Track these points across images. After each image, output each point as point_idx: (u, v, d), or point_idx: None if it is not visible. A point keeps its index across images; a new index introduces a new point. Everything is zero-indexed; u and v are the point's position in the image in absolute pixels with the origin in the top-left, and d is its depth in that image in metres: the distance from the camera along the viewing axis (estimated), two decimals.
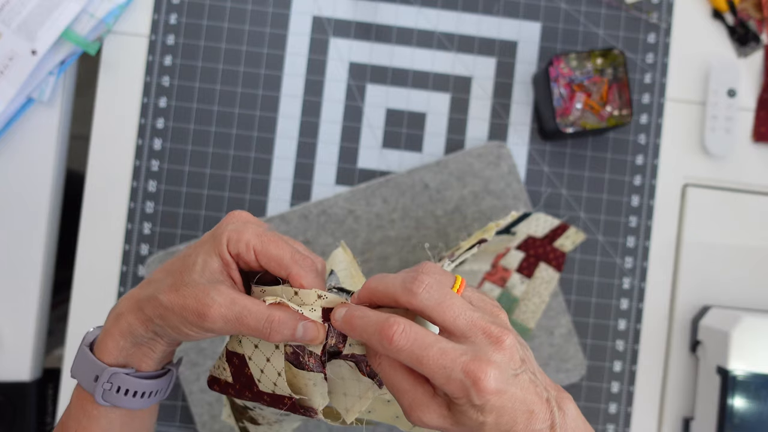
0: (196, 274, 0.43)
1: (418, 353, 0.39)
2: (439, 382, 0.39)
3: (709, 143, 0.76)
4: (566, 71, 0.73)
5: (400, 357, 0.40)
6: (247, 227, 0.44)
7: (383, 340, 0.39)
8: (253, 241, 0.43)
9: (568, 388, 0.75)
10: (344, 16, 0.77)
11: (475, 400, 0.38)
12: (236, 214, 0.46)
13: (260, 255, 0.43)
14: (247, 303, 0.42)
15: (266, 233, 0.44)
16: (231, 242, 0.43)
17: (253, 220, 0.45)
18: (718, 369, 0.69)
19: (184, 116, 0.75)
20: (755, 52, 0.78)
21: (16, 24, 0.71)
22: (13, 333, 0.74)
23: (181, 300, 0.42)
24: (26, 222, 0.74)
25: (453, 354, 0.39)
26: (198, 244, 0.45)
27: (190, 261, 0.43)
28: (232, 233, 0.43)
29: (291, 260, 0.43)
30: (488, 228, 0.63)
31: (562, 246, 0.74)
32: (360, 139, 0.76)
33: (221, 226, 0.45)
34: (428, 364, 0.39)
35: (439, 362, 0.39)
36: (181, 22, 0.76)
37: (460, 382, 0.38)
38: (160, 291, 0.43)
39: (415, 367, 0.39)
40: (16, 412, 0.73)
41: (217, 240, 0.43)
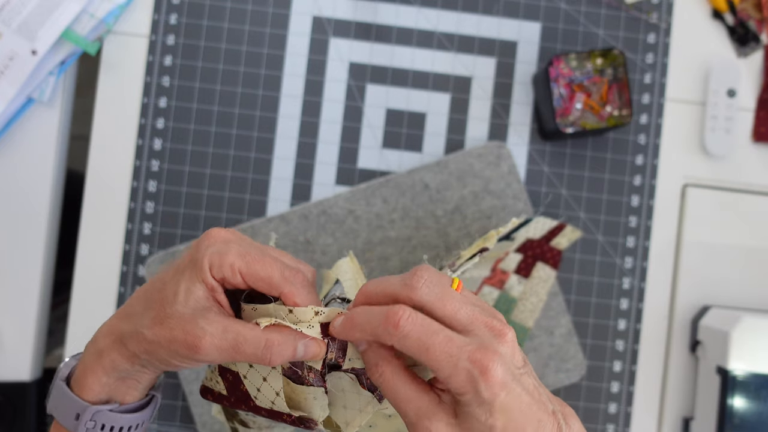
0: (179, 304, 0.40)
1: (425, 339, 0.38)
2: (445, 372, 0.38)
3: (709, 143, 0.76)
4: (566, 71, 0.73)
5: (407, 344, 0.38)
6: (229, 248, 0.41)
7: (389, 327, 0.38)
8: (237, 263, 0.40)
9: (568, 388, 0.75)
10: (344, 16, 0.77)
11: (483, 392, 0.37)
12: (214, 233, 0.42)
13: (247, 277, 0.41)
14: (241, 329, 0.40)
15: (250, 252, 0.41)
16: (214, 267, 0.40)
17: (234, 238, 0.42)
18: (717, 369, 0.69)
19: (184, 116, 0.75)
20: (755, 52, 0.78)
21: (16, 24, 0.71)
22: (13, 333, 0.74)
23: (168, 333, 0.40)
24: (26, 222, 0.74)
25: (459, 342, 0.38)
26: (176, 271, 0.42)
27: (171, 290, 0.41)
28: (214, 257, 0.40)
29: (281, 279, 0.41)
30: (489, 236, 0.63)
31: (558, 244, 0.74)
32: (360, 139, 0.76)
33: (200, 249, 0.41)
34: (435, 351, 0.38)
35: (446, 349, 0.38)
36: (182, 23, 0.76)
37: (468, 372, 0.37)
38: (143, 326, 0.41)
39: (421, 355, 0.38)
40: (16, 412, 0.73)
41: (197, 266, 0.40)
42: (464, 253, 0.62)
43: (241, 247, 0.41)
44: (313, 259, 0.73)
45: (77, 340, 0.74)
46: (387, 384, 0.40)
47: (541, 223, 0.73)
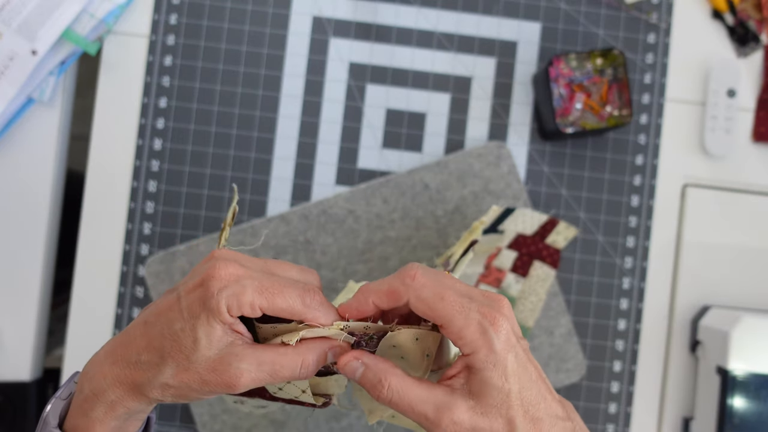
0: (203, 350, 0.39)
1: (440, 290, 0.39)
2: (458, 323, 0.38)
3: (709, 143, 0.76)
4: (566, 71, 0.73)
5: (423, 294, 0.39)
6: (244, 288, 0.39)
7: (406, 279, 0.39)
8: (257, 300, 0.39)
9: (569, 388, 0.75)
10: (344, 16, 0.77)
11: (495, 344, 0.38)
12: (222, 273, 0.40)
13: (268, 311, 0.40)
14: (274, 357, 0.40)
15: (267, 285, 0.40)
16: (232, 308, 0.39)
17: (245, 273, 0.40)
18: (717, 369, 0.69)
19: (185, 116, 0.75)
20: (755, 52, 0.78)
21: (16, 24, 0.71)
22: (13, 333, 0.74)
23: (198, 377, 0.39)
24: (26, 222, 0.74)
25: (467, 300, 0.39)
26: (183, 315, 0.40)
27: (188, 338, 0.39)
28: (231, 299, 0.39)
29: (303, 307, 0.40)
30: (474, 228, 0.63)
31: (555, 242, 0.74)
32: (360, 139, 0.76)
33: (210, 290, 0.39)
34: (449, 301, 0.39)
35: (458, 301, 0.39)
36: (182, 23, 0.76)
37: (479, 323, 0.38)
38: (165, 376, 0.39)
39: (436, 305, 0.39)
40: (16, 412, 0.73)
41: (213, 311, 0.39)
42: (456, 248, 0.62)
43: (256, 281, 0.40)
44: (313, 259, 0.73)
45: (77, 340, 0.74)
46: (397, 394, 0.40)
47: (530, 216, 0.73)
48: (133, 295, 0.74)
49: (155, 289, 0.72)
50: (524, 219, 0.74)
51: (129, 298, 0.74)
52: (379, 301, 0.41)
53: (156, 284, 0.72)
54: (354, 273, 0.73)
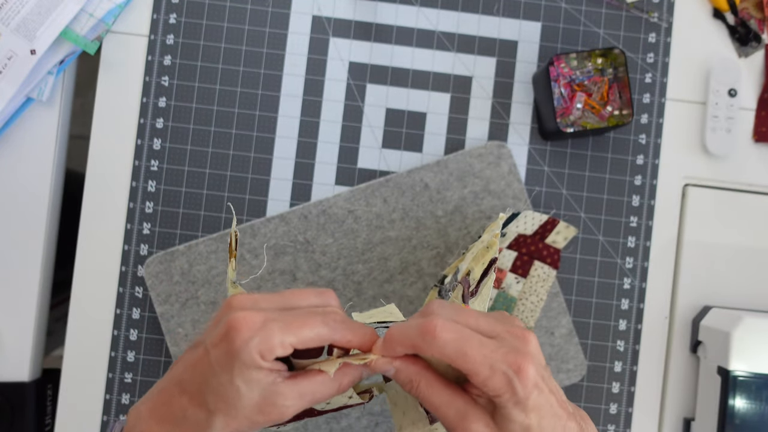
0: (246, 397, 0.40)
1: (461, 344, 0.40)
2: (483, 375, 0.39)
3: (710, 143, 0.76)
4: (566, 71, 0.73)
5: (446, 351, 0.40)
6: (270, 332, 0.40)
7: (427, 336, 0.40)
8: (286, 339, 0.40)
9: (569, 388, 0.75)
10: (344, 15, 0.77)
11: (519, 392, 0.39)
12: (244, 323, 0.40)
13: (299, 345, 0.41)
14: (314, 388, 0.42)
15: (290, 321, 0.41)
16: (265, 355, 0.40)
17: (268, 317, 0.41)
18: (718, 369, 0.68)
19: (184, 116, 0.75)
20: (756, 51, 0.78)
21: (15, 23, 0.71)
22: (12, 333, 0.74)
23: (248, 421, 0.41)
24: (25, 222, 0.74)
25: (492, 345, 0.40)
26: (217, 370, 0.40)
27: (231, 389, 0.40)
28: (261, 346, 0.39)
29: (329, 331, 0.42)
30: (491, 243, 0.63)
31: (555, 243, 0.74)
32: (360, 139, 0.76)
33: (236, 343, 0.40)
34: (472, 356, 0.40)
35: (482, 352, 0.40)
36: (181, 22, 0.75)
37: (504, 374, 0.39)
38: (217, 429, 0.41)
39: (459, 361, 0.40)
40: (15, 412, 0.73)
41: (246, 360, 0.39)
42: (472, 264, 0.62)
43: (278, 322, 0.40)
44: (312, 259, 0.73)
45: (77, 341, 0.74)
46: (424, 394, 0.42)
47: (530, 217, 0.73)
48: (132, 295, 0.74)
49: (154, 290, 0.72)
50: (526, 220, 0.73)
51: (128, 298, 0.74)
52: (405, 351, 0.43)
53: (155, 284, 0.72)
54: (354, 273, 0.73)
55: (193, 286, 0.72)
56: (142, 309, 0.74)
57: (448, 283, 0.66)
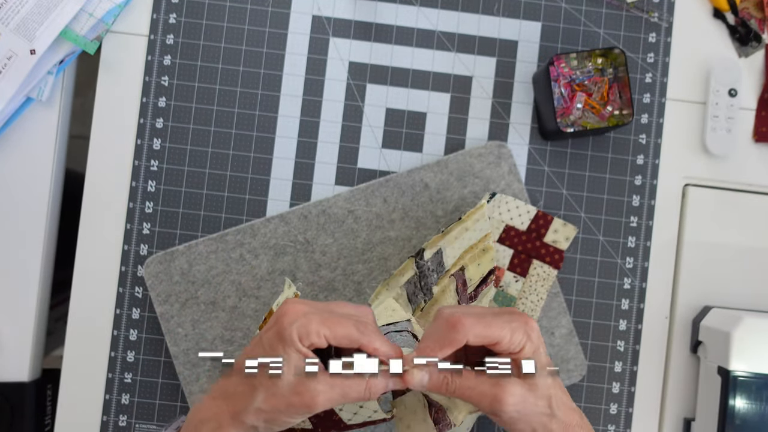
0: (286, 376, 0.47)
1: (483, 323, 0.50)
2: (507, 337, 0.49)
3: (710, 143, 0.76)
4: (567, 71, 0.73)
5: (475, 331, 0.49)
6: (310, 320, 0.48)
7: (456, 327, 0.49)
8: (322, 330, 0.48)
9: (569, 388, 0.75)
10: (344, 15, 0.76)
11: (534, 339, 0.50)
12: (291, 309, 0.49)
13: (331, 339, 0.48)
14: (343, 381, 0.48)
15: (327, 317, 0.48)
16: (302, 337, 0.47)
17: (310, 309, 0.49)
18: (719, 369, 0.68)
19: (184, 116, 0.75)
20: (756, 51, 0.78)
21: (14, 23, 0.71)
22: (12, 333, 0.74)
23: (285, 400, 0.47)
24: (25, 222, 0.74)
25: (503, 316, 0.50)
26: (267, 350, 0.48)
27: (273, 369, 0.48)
28: (301, 329, 0.47)
29: (358, 334, 0.49)
30: (488, 248, 0.69)
31: (556, 242, 0.74)
32: (360, 138, 0.76)
33: (283, 325, 0.48)
34: (495, 326, 0.50)
35: (499, 324, 0.50)
36: (181, 22, 0.75)
37: (520, 327, 0.49)
38: (258, 402, 0.48)
39: (486, 331, 0.49)
40: (15, 412, 0.73)
41: (287, 340, 0.47)
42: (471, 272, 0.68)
43: (319, 315, 0.48)
44: (312, 259, 0.73)
45: (77, 341, 0.74)
46: (461, 386, 0.50)
47: (515, 206, 0.73)
48: (132, 295, 0.74)
49: (154, 290, 0.72)
50: (509, 207, 0.73)
51: (128, 298, 0.74)
52: (445, 353, 0.50)
53: (155, 284, 0.72)
54: (354, 273, 0.73)
55: (193, 286, 0.72)
56: (142, 309, 0.74)
57: (429, 260, 0.69)
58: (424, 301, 0.69)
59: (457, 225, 0.71)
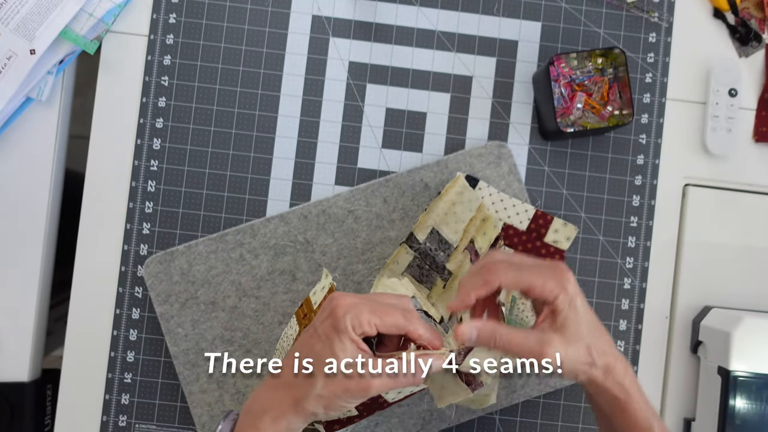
0: (342, 362, 0.50)
1: (518, 268, 0.54)
2: (540, 281, 0.53)
3: (711, 143, 0.76)
4: (567, 71, 0.73)
5: (509, 275, 0.54)
6: (361, 310, 0.51)
7: (491, 270, 0.54)
8: (372, 319, 0.51)
9: (570, 388, 0.75)
10: (344, 15, 0.76)
11: (569, 288, 0.53)
12: (342, 302, 0.52)
13: (380, 327, 0.52)
14: (394, 366, 0.50)
15: (376, 308, 0.52)
16: (355, 327, 0.51)
17: (359, 300, 0.52)
18: (719, 369, 0.68)
19: (183, 116, 0.75)
20: (756, 51, 0.78)
21: (14, 23, 0.71)
22: (11, 333, 0.73)
23: (343, 386, 0.50)
24: (25, 222, 0.74)
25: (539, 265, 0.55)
26: (321, 340, 0.51)
27: (329, 356, 0.51)
28: (354, 320, 0.51)
29: (405, 322, 0.52)
30: (487, 217, 0.71)
31: (557, 243, 0.74)
32: (360, 138, 0.76)
33: (337, 316, 0.51)
34: (528, 270, 0.54)
35: (534, 270, 0.54)
36: (181, 21, 0.75)
37: (554, 278, 0.54)
38: (317, 389, 0.51)
39: (521, 276, 0.54)
40: (15, 412, 0.73)
41: (341, 330, 0.51)
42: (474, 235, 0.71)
43: (368, 306, 0.52)
44: (312, 259, 0.73)
45: (77, 341, 0.74)
46: (505, 340, 0.53)
47: (511, 204, 0.73)
48: (132, 295, 0.74)
49: (154, 290, 0.72)
50: (506, 206, 0.74)
51: (128, 298, 0.74)
52: (479, 294, 0.54)
53: (155, 284, 0.72)
54: (354, 273, 0.73)
55: (193, 286, 0.72)
56: (141, 309, 0.74)
57: (425, 240, 0.72)
58: (441, 279, 0.72)
59: (438, 200, 0.72)
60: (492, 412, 0.74)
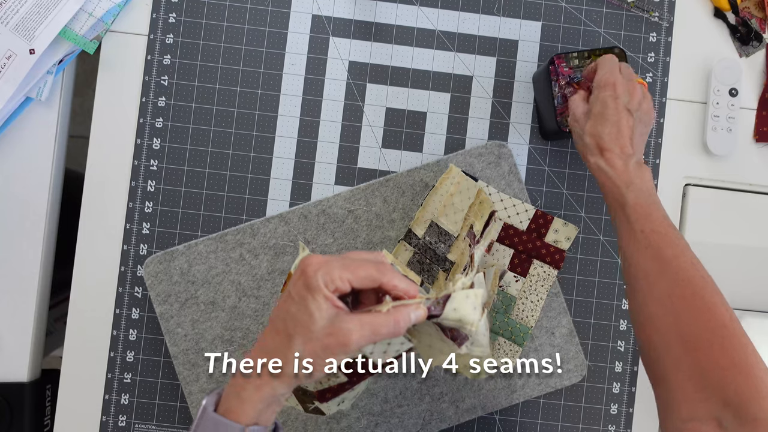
0: (318, 320, 0.49)
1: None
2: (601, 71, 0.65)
3: (711, 143, 0.76)
4: (567, 70, 0.73)
5: None
6: (332, 266, 0.50)
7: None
8: (345, 274, 0.50)
9: (570, 388, 0.75)
10: (344, 15, 0.76)
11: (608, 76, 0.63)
12: (312, 261, 0.51)
13: (353, 281, 0.51)
14: (373, 319, 0.50)
15: (347, 263, 0.51)
16: (328, 284, 0.50)
17: (329, 258, 0.52)
18: None
19: (183, 115, 0.75)
20: (757, 51, 0.78)
21: (13, 23, 0.71)
22: (11, 333, 0.73)
23: (321, 344, 0.49)
24: (25, 222, 0.74)
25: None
26: (295, 301, 0.51)
27: (305, 315, 0.50)
28: (325, 277, 0.50)
29: (378, 273, 0.51)
30: (484, 199, 0.71)
31: (557, 242, 0.74)
32: (360, 138, 0.76)
33: (309, 275, 0.50)
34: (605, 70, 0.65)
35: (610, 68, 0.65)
36: (180, 21, 0.75)
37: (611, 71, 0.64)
38: (296, 349, 0.50)
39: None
40: (14, 412, 0.73)
41: (314, 288, 0.50)
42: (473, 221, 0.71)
43: (339, 262, 0.51)
44: None
45: (76, 340, 0.74)
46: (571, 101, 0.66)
47: (511, 204, 0.73)
48: (131, 295, 0.74)
49: (154, 289, 0.72)
50: (505, 206, 0.74)
51: (127, 298, 0.74)
52: None
53: (154, 284, 0.72)
54: None
55: (193, 286, 0.72)
56: (141, 309, 0.74)
57: (424, 235, 0.72)
58: (443, 270, 0.72)
59: (433, 194, 0.72)
60: (492, 412, 0.74)
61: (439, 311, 0.53)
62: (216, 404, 0.53)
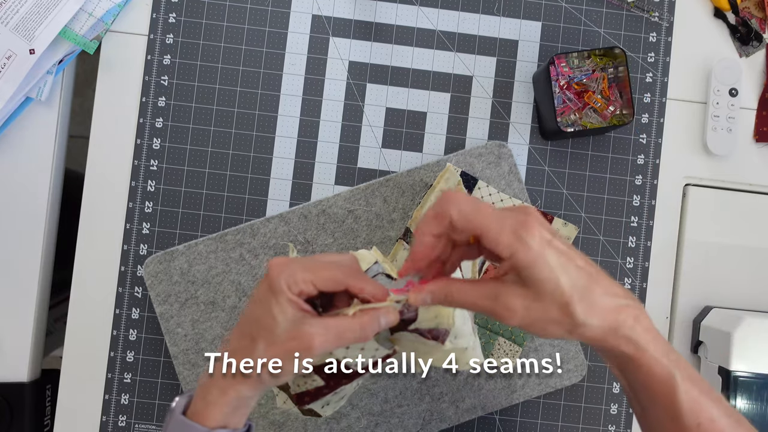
0: (281, 323, 0.48)
1: (476, 204, 0.47)
2: (495, 230, 0.45)
3: (711, 143, 0.76)
4: (567, 70, 0.73)
5: (463, 207, 0.46)
6: (294, 269, 0.49)
7: (448, 201, 0.47)
8: (307, 276, 0.49)
9: (570, 388, 0.75)
10: (344, 15, 0.76)
11: (533, 246, 0.44)
12: (276, 263, 0.50)
13: (317, 283, 0.49)
14: (338, 322, 0.49)
15: (311, 265, 0.50)
16: (291, 286, 0.49)
17: (293, 260, 0.51)
18: (719, 370, 0.68)
19: (183, 115, 0.75)
20: (757, 51, 0.78)
21: (13, 23, 0.71)
22: (11, 333, 0.73)
23: (284, 347, 0.48)
24: (25, 222, 0.74)
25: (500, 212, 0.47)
26: (260, 304, 0.50)
27: (268, 318, 0.49)
28: (288, 279, 0.49)
29: (343, 276, 0.50)
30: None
31: None
32: (360, 138, 0.76)
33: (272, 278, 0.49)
34: (485, 213, 0.46)
35: (493, 213, 0.46)
36: (180, 21, 0.75)
37: (512, 228, 0.45)
38: (261, 354, 0.49)
39: (473, 218, 0.46)
40: (14, 412, 0.72)
41: (277, 291, 0.49)
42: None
43: (303, 264, 0.50)
44: None
45: (76, 340, 0.74)
46: (460, 296, 0.48)
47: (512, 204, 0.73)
48: (131, 295, 0.74)
49: (153, 289, 0.72)
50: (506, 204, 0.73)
51: (127, 298, 0.74)
52: (432, 229, 0.48)
53: (154, 284, 0.72)
54: None
55: (193, 286, 0.72)
56: (141, 309, 0.74)
57: None
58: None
59: (430, 193, 0.72)
60: (492, 412, 0.74)
61: (413, 314, 0.52)
62: (187, 406, 0.52)
